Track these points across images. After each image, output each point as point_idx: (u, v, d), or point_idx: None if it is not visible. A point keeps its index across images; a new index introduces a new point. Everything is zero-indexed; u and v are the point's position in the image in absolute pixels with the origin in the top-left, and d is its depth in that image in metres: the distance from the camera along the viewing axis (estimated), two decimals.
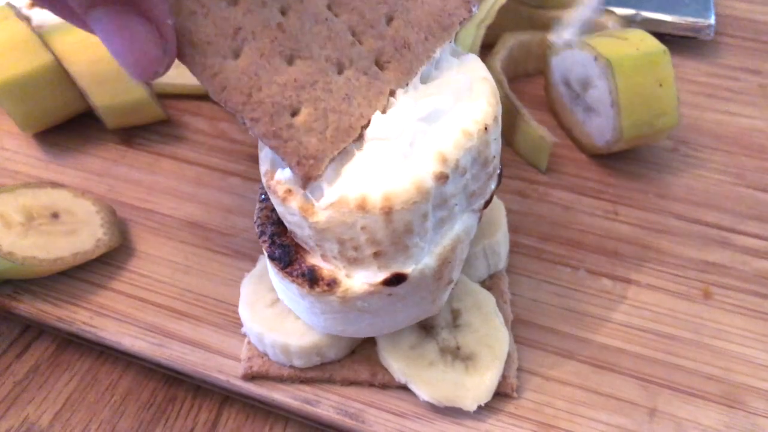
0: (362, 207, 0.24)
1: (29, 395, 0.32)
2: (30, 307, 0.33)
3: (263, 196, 0.29)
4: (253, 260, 0.35)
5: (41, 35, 0.39)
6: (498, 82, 0.42)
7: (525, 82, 0.47)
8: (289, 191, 0.25)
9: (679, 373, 0.31)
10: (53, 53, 0.39)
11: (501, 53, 0.44)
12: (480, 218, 0.28)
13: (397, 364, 0.30)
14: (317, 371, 0.31)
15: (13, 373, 0.33)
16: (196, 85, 0.45)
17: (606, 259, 0.36)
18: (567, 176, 0.41)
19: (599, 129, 0.40)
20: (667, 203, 0.39)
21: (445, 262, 0.27)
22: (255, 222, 0.28)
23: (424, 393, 0.29)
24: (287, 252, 0.27)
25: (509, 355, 0.31)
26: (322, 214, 0.24)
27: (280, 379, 0.31)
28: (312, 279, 0.26)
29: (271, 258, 0.27)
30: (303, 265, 0.26)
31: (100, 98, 0.39)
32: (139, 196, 0.39)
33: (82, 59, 0.39)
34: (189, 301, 0.34)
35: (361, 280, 0.26)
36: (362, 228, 0.24)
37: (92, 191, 0.39)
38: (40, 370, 0.33)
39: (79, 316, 0.33)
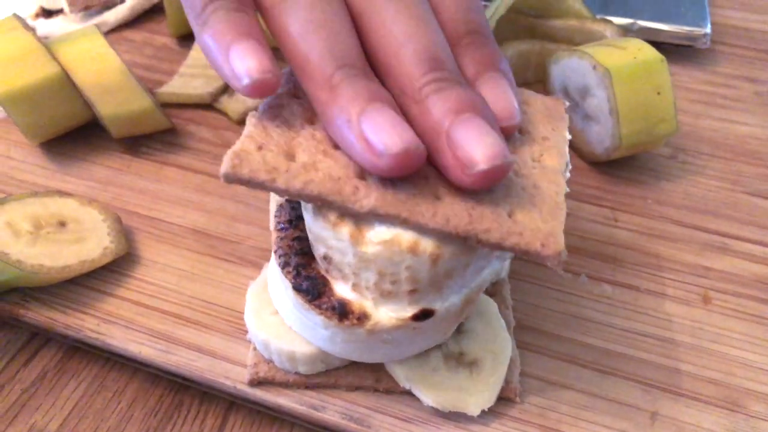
0: (413, 250, 0.25)
1: (36, 402, 0.33)
2: (37, 314, 0.34)
3: (282, 225, 0.29)
4: (258, 267, 0.36)
5: (48, 46, 0.40)
6: None
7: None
8: (342, 217, 0.25)
9: (680, 378, 0.32)
10: (59, 64, 0.39)
11: None
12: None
13: (400, 370, 0.30)
14: (323, 377, 0.31)
15: (21, 380, 0.33)
16: (199, 94, 0.45)
17: (606, 265, 0.37)
18: (567, 183, 0.41)
19: (598, 137, 0.41)
20: (666, 209, 0.40)
21: (469, 301, 0.28)
22: (275, 251, 0.28)
23: (428, 398, 0.30)
24: (315, 284, 0.27)
25: (512, 361, 0.31)
26: (371, 247, 0.25)
27: (285, 385, 0.31)
28: (342, 312, 0.26)
29: (298, 290, 0.27)
30: (332, 298, 0.26)
31: (105, 108, 0.40)
32: (145, 205, 0.39)
33: (88, 70, 0.40)
34: (195, 308, 0.34)
35: (388, 313, 0.26)
36: (407, 267, 0.25)
37: (98, 200, 0.39)
38: (47, 378, 0.34)
39: (86, 324, 0.33)
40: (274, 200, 0.31)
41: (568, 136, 0.29)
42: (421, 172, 0.25)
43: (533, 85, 0.48)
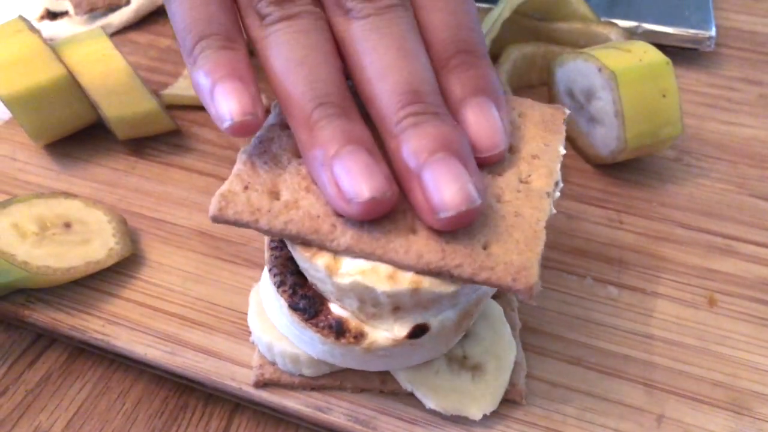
0: (392, 278, 0.25)
1: (41, 403, 0.33)
2: (43, 315, 0.34)
3: (275, 244, 0.29)
4: (263, 269, 0.35)
5: (53, 48, 0.40)
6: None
7: (529, 93, 0.48)
8: (318, 249, 0.25)
9: (685, 380, 0.32)
10: (65, 66, 0.39)
11: (505, 65, 0.45)
12: None
13: (403, 372, 0.30)
14: (328, 378, 0.31)
15: (25, 381, 0.33)
16: None
17: (611, 268, 0.37)
18: (572, 186, 0.41)
19: (603, 139, 0.41)
20: (671, 212, 0.40)
21: (466, 315, 0.28)
22: (270, 270, 0.28)
23: (429, 401, 0.30)
24: (312, 304, 0.27)
25: (517, 363, 0.31)
26: (347, 278, 0.25)
27: (291, 387, 0.31)
28: (339, 331, 0.26)
29: (294, 308, 0.27)
30: (329, 317, 0.27)
31: (110, 110, 0.40)
32: (150, 206, 0.39)
33: (94, 71, 0.40)
34: (200, 310, 0.34)
35: (383, 333, 0.26)
36: (388, 296, 0.25)
37: (103, 201, 0.39)
38: (52, 379, 0.34)
39: (91, 325, 0.33)
40: None
41: (563, 151, 0.29)
42: (399, 206, 0.25)
43: (537, 87, 0.48)
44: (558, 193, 0.28)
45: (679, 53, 0.51)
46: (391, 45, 0.25)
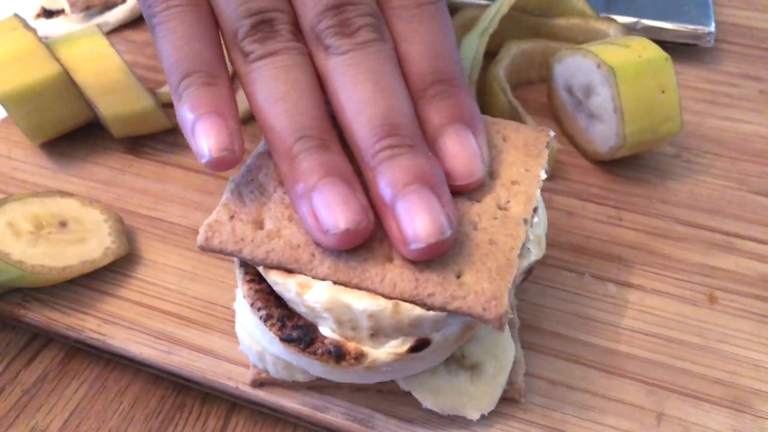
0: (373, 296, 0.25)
1: (38, 403, 0.32)
2: (38, 315, 0.33)
3: (250, 276, 0.28)
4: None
5: (49, 46, 0.40)
6: (501, 90, 0.43)
7: (528, 89, 0.48)
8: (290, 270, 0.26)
9: (686, 378, 0.32)
10: (61, 64, 0.39)
11: (504, 61, 0.45)
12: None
13: None
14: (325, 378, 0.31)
15: (22, 381, 0.33)
16: None
17: (611, 265, 0.37)
18: (570, 182, 0.41)
19: (602, 135, 0.40)
20: (671, 209, 0.40)
21: (469, 327, 0.27)
22: (252, 305, 0.27)
23: (426, 401, 0.29)
24: (306, 332, 0.26)
25: (516, 361, 0.31)
26: (324, 294, 0.25)
27: (288, 386, 0.31)
28: (338, 356, 0.26)
29: (288, 341, 0.26)
30: (325, 342, 0.26)
31: (106, 108, 0.40)
32: (146, 205, 0.39)
33: (90, 69, 0.39)
34: (197, 309, 0.34)
35: (385, 350, 0.26)
36: (369, 317, 0.25)
37: (99, 200, 0.39)
38: (48, 379, 0.33)
39: (87, 324, 0.33)
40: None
41: (543, 176, 0.29)
42: (375, 234, 0.26)
43: (536, 84, 0.48)
44: (537, 218, 0.28)
45: (678, 49, 0.50)
46: (368, 79, 0.26)
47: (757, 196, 0.40)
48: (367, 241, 0.26)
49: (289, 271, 0.26)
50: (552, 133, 0.31)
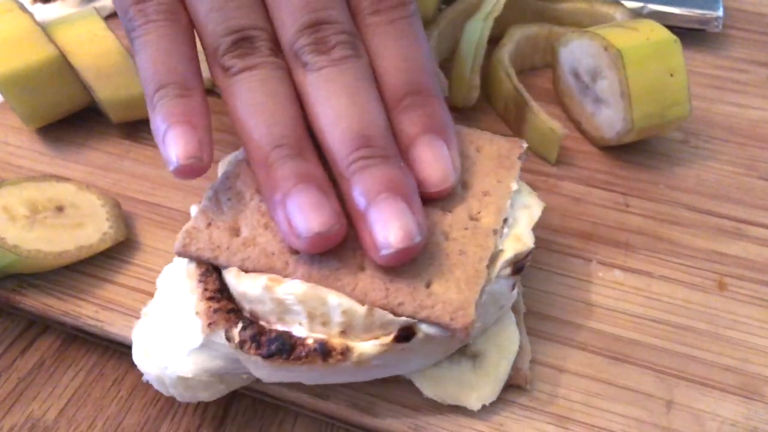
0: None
1: (34, 391, 0.32)
2: (35, 301, 0.33)
3: (212, 295, 0.27)
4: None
5: (45, 28, 0.39)
6: (506, 74, 0.42)
7: (532, 75, 0.47)
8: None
9: (695, 365, 0.31)
10: (57, 46, 0.38)
11: (508, 46, 0.44)
12: (515, 286, 0.29)
13: None
14: None
15: (18, 369, 0.33)
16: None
17: (618, 251, 0.36)
18: (577, 168, 0.40)
19: (609, 120, 0.40)
20: (679, 194, 0.39)
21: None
22: (208, 324, 0.26)
23: (427, 389, 0.29)
24: (283, 342, 0.26)
25: (522, 348, 0.30)
26: (300, 287, 0.25)
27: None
28: (324, 352, 0.25)
29: (269, 356, 0.25)
30: (307, 342, 0.26)
31: (104, 92, 0.39)
32: (145, 190, 0.38)
33: (87, 52, 0.39)
34: None
35: (370, 343, 0.26)
36: (343, 312, 0.25)
37: (97, 185, 0.38)
38: (44, 366, 0.33)
39: (84, 311, 0.32)
40: (191, 266, 0.28)
41: (514, 187, 0.29)
42: (348, 244, 0.26)
43: (541, 69, 0.47)
44: (507, 229, 0.28)
45: (685, 34, 0.49)
46: (343, 93, 0.27)
47: (766, 182, 0.40)
48: (340, 251, 0.26)
49: None
50: (525, 145, 0.31)
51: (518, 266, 0.28)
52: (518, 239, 0.28)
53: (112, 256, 0.35)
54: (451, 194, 0.29)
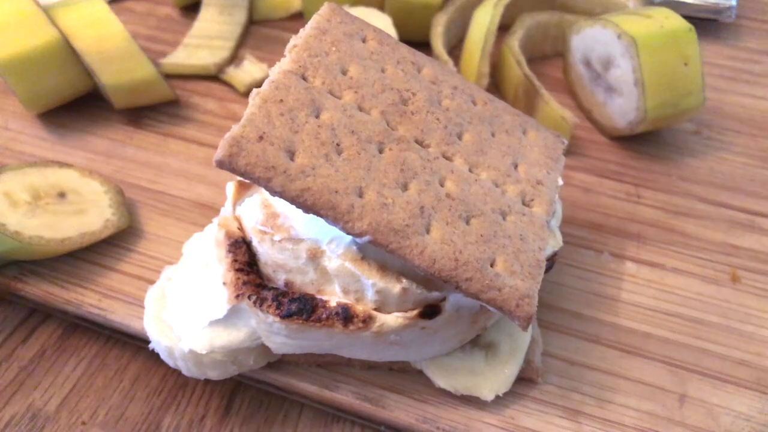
0: (382, 271, 0.25)
1: (35, 381, 0.31)
2: (36, 289, 0.32)
3: (241, 267, 0.26)
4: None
5: (47, 11, 0.38)
6: (516, 62, 0.41)
7: (543, 63, 0.46)
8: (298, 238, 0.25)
9: (708, 359, 0.30)
10: (59, 29, 0.38)
11: (518, 33, 0.43)
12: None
13: None
14: (335, 355, 0.29)
15: (18, 358, 0.32)
16: (204, 65, 0.44)
17: (630, 243, 0.35)
18: (587, 158, 0.40)
19: (621, 110, 0.39)
20: (691, 186, 0.38)
21: (484, 308, 0.26)
22: (237, 297, 0.25)
23: (439, 380, 0.28)
24: (305, 302, 0.25)
25: (534, 340, 0.30)
26: (335, 262, 0.25)
27: (296, 363, 0.29)
28: (346, 317, 0.25)
29: (289, 316, 0.25)
30: (328, 306, 0.25)
31: (107, 76, 0.38)
32: (148, 177, 0.38)
33: (89, 36, 0.38)
34: None
35: (393, 315, 0.25)
36: (377, 291, 0.25)
37: (99, 172, 0.38)
38: (46, 355, 0.32)
39: (87, 299, 0.32)
40: (220, 234, 0.28)
41: (560, 182, 0.29)
42: (415, 199, 0.24)
43: (551, 58, 0.46)
44: (554, 222, 0.28)
45: (698, 24, 0.48)
46: None
47: None
48: (410, 207, 0.24)
49: (319, 216, 0.23)
50: (565, 141, 0.31)
51: (549, 264, 0.28)
52: (553, 236, 0.28)
53: (115, 243, 0.34)
54: (507, 175, 0.27)
